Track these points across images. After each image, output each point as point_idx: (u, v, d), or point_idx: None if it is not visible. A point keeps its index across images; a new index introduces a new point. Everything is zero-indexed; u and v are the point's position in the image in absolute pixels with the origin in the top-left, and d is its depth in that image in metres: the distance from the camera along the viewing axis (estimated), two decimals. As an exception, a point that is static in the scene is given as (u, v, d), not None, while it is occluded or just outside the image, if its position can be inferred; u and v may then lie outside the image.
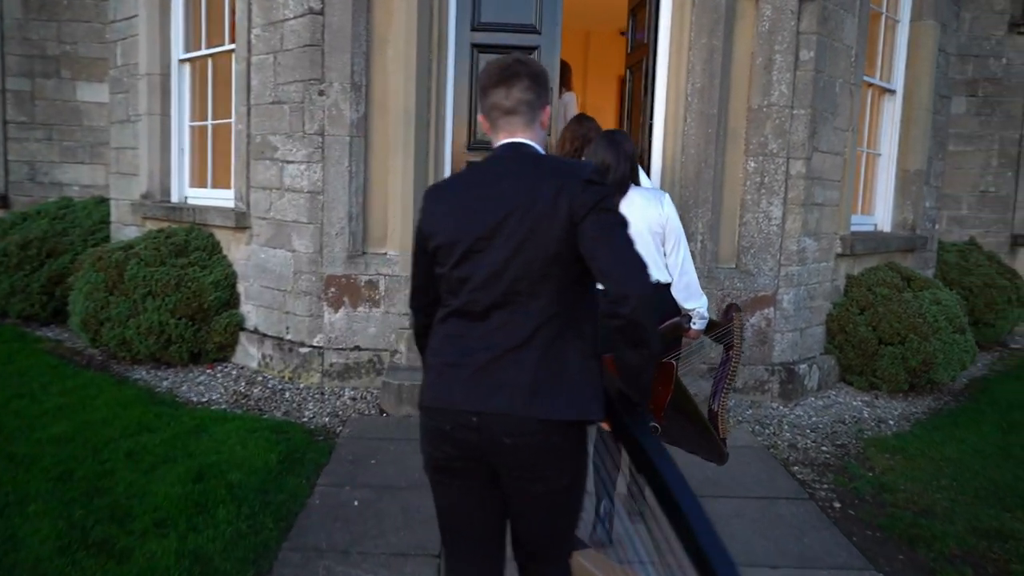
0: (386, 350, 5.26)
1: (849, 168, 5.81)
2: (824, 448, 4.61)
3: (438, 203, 1.84)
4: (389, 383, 4.83)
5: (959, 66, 8.24)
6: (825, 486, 4.04)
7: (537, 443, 1.73)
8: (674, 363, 2.91)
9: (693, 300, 3.24)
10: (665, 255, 3.20)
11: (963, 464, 4.36)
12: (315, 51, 5.08)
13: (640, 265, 1.68)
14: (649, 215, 3.16)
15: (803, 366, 5.48)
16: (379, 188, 5.26)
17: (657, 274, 3.07)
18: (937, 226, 7.42)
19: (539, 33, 5.51)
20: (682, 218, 3.55)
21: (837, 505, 3.83)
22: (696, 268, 3.43)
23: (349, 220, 5.15)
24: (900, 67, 6.72)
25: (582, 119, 4.42)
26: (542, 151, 1.88)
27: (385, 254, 5.27)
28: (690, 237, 5.21)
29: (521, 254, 1.71)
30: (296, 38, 5.15)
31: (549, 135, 5.33)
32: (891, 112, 6.76)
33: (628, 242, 1.71)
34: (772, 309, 5.32)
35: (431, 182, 5.25)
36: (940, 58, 6.85)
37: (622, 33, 7.05)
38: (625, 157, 3.26)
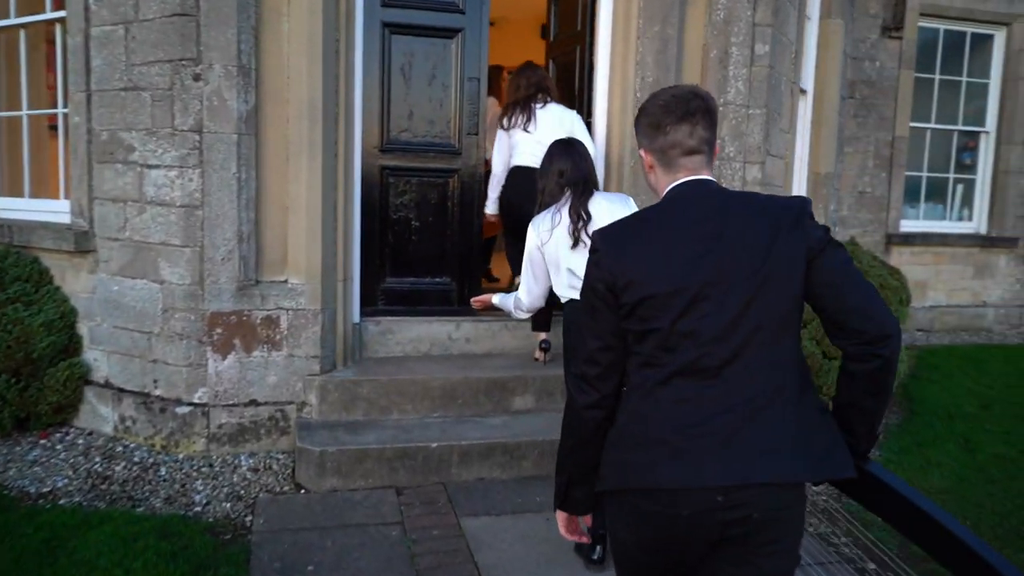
0: (291, 403, 4.19)
1: (790, 173, 5.46)
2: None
3: (629, 247, 1.61)
4: (307, 450, 3.79)
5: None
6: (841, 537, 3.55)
7: (788, 512, 1.58)
8: None
9: None
10: None
11: (961, 496, 4.05)
12: (187, 23, 3.90)
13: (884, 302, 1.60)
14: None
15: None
16: (276, 200, 4.17)
17: None
18: (838, 228, 7.36)
19: (463, 13, 4.65)
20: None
21: (872, 567, 3.34)
22: None
23: (239, 241, 4.02)
24: (810, 67, 6.51)
25: (531, 65, 4.82)
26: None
27: (286, 282, 4.19)
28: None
29: (760, 299, 1.55)
30: (159, 5, 3.94)
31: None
32: (803, 113, 6.53)
33: (865, 277, 1.61)
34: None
35: (342, 191, 4.25)
36: (841, 58, 6.73)
37: (543, 26, 6.30)
38: (583, 159, 3.26)
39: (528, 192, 3.77)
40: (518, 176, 4.52)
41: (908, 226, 8.93)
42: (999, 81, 9.00)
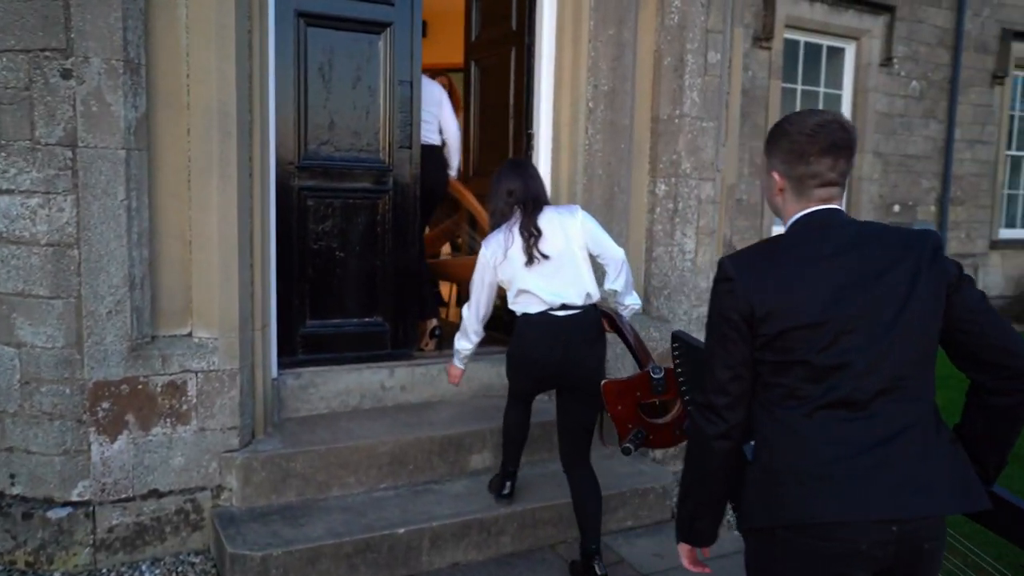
0: (204, 488, 3.31)
1: (726, 187, 5.21)
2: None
3: (766, 277, 1.56)
4: (243, 556, 2.96)
5: (718, 76, 8.32)
6: None
7: (942, 544, 1.59)
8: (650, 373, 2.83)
9: (633, 295, 3.30)
10: (603, 263, 3.20)
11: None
12: (51, 2, 2.93)
13: None
14: (571, 231, 3.11)
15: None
16: (176, 232, 3.27)
17: (592, 289, 3.12)
18: (735, 238, 7.32)
19: (391, 5, 3.93)
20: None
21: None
22: None
23: (131, 287, 3.09)
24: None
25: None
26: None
27: (191, 336, 3.30)
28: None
29: (905, 333, 1.53)
30: (8, -25, 2.93)
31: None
32: (709, 123, 6.38)
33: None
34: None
35: (259, 219, 3.42)
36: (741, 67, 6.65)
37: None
38: (533, 179, 3.21)
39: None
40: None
41: (779, 231, 9.19)
42: (850, 92, 9.48)
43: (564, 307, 3.05)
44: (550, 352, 3.05)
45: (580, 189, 4.19)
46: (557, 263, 3.05)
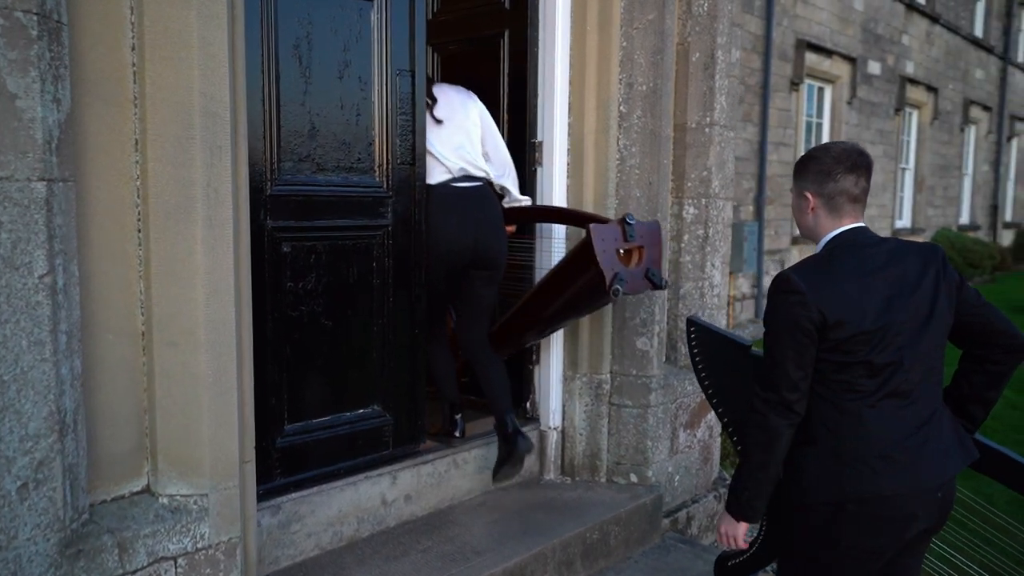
0: None
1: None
2: None
3: (832, 290, 1.79)
4: None
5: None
6: None
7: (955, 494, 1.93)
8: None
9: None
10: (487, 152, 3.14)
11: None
12: None
13: None
14: (469, 109, 3.10)
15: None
16: (121, 322, 1.88)
17: (485, 165, 3.11)
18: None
19: (384, -41, 2.73)
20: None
21: None
22: None
23: (61, 433, 1.67)
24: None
25: None
26: None
27: (150, 493, 1.93)
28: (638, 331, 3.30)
29: (933, 330, 1.81)
30: None
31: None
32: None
33: None
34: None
35: (246, 288, 2.13)
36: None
37: None
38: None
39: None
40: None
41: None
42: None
43: (467, 178, 3.01)
44: (461, 232, 2.96)
45: (612, 215, 3.29)
46: (450, 128, 3.00)
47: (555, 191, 3.34)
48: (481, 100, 3.52)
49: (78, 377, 1.76)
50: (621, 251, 2.87)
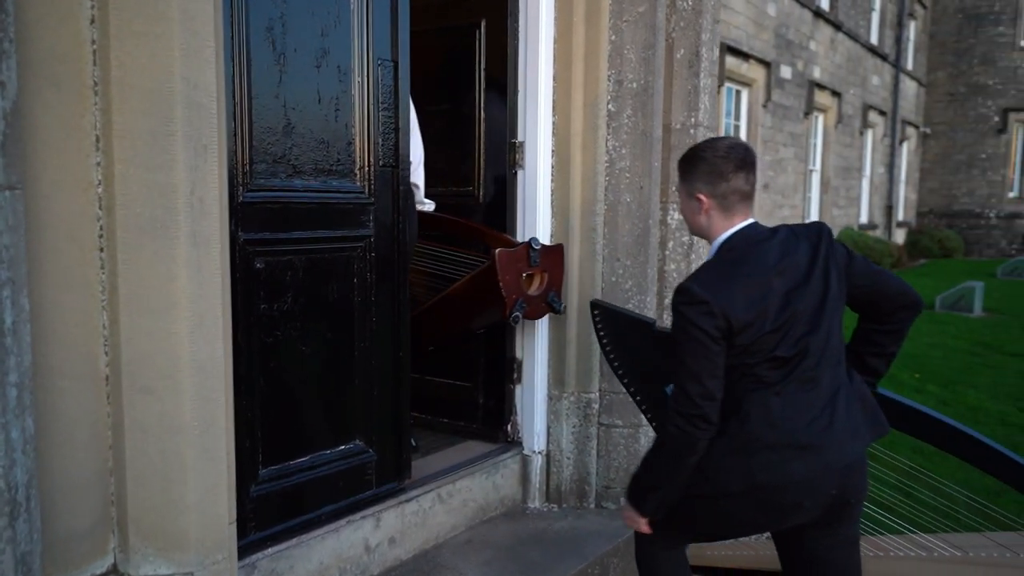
0: None
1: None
2: None
3: (735, 294, 1.76)
4: None
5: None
6: None
7: (866, 471, 1.93)
8: None
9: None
10: None
11: None
12: None
13: None
14: None
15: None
16: (80, 364, 1.49)
17: None
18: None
19: (365, -67, 2.39)
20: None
21: None
22: None
23: (12, 515, 1.28)
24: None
25: None
26: None
27: (116, 574, 1.56)
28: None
29: (829, 312, 1.83)
30: None
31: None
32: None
33: None
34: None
35: (228, 317, 1.77)
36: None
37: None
38: None
39: None
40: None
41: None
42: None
43: None
44: None
45: (600, 222, 3.05)
46: None
47: (539, 196, 3.07)
48: (454, 97, 3.22)
49: (31, 440, 1.37)
50: (524, 275, 2.88)
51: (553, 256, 2.98)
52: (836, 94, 15.49)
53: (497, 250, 2.79)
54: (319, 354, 2.37)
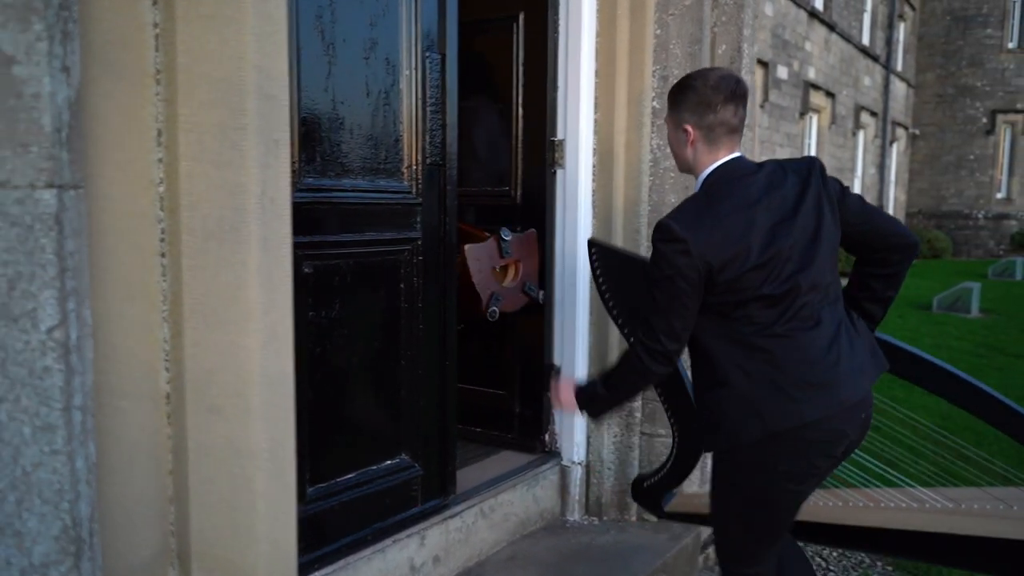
0: None
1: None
2: None
3: (714, 231, 1.70)
4: None
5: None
6: None
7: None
8: None
9: None
10: None
11: None
12: None
13: None
14: None
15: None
16: (139, 381, 1.35)
17: None
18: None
19: (414, -83, 2.25)
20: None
21: None
22: None
23: (78, 556, 1.15)
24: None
25: None
26: None
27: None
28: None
29: (823, 247, 1.76)
30: None
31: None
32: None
33: None
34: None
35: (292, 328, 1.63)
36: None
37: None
38: None
39: None
40: None
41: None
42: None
43: None
44: None
45: (644, 223, 2.93)
46: None
47: (580, 196, 2.95)
48: (490, 92, 3.09)
49: (93, 469, 1.22)
50: (497, 268, 2.86)
51: (527, 244, 2.92)
52: (830, 95, 15.50)
53: (465, 246, 2.72)
54: (366, 364, 2.23)
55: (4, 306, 1.06)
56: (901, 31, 20.42)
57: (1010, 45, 20.94)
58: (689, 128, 1.81)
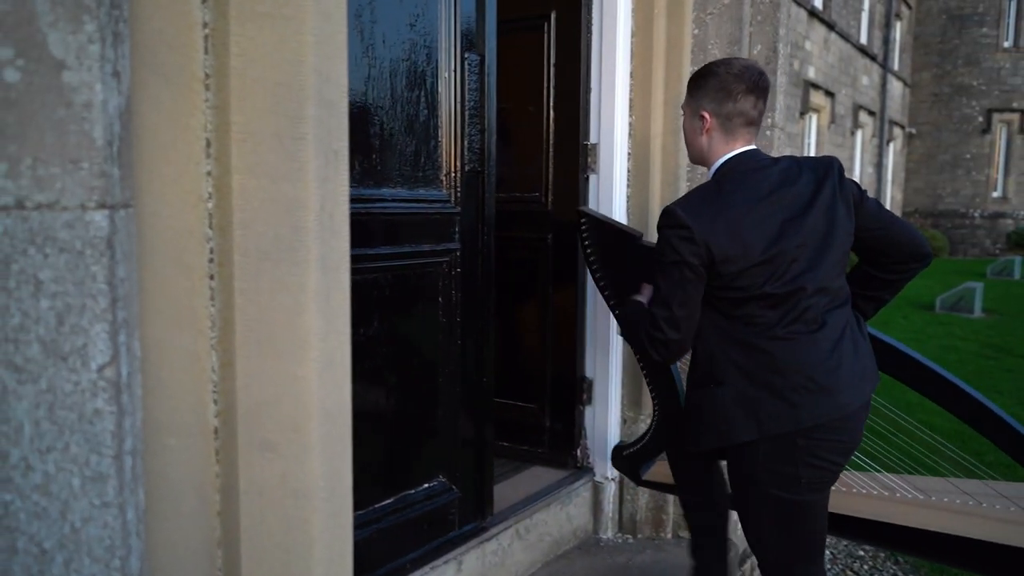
0: None
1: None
2: None
3: (719, 221, 1.65)
4: None
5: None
6: None
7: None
8: None
9: None
10: None
11: None
12: None
13: None
14: None
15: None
16: (192, 417, 1.23)
17: None
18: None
19: (453, -90, 2.12)
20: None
21: None
22: None
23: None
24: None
25: None
26: None
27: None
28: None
29: (833, 249, 1.70)
30: None
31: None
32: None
33: None
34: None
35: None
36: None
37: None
38: None
39: None
40: None
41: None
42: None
43: None
44: None
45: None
46: None
47: (614, 202, 2.83)
48: (519, 94, 2.98)
49: (143, 518, 1.10)
50: None
51: None
52: (830, 94, 15.45)
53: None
54: (404, 382, 2.11)
55: (53, 343, 0.93)
56: (898, 30, 20.40)
57: (1006, 44, 20.96)
58: (707, 115, 1.77)
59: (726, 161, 1.76)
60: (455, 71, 2.16)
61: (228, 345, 1.26)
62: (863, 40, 17.70)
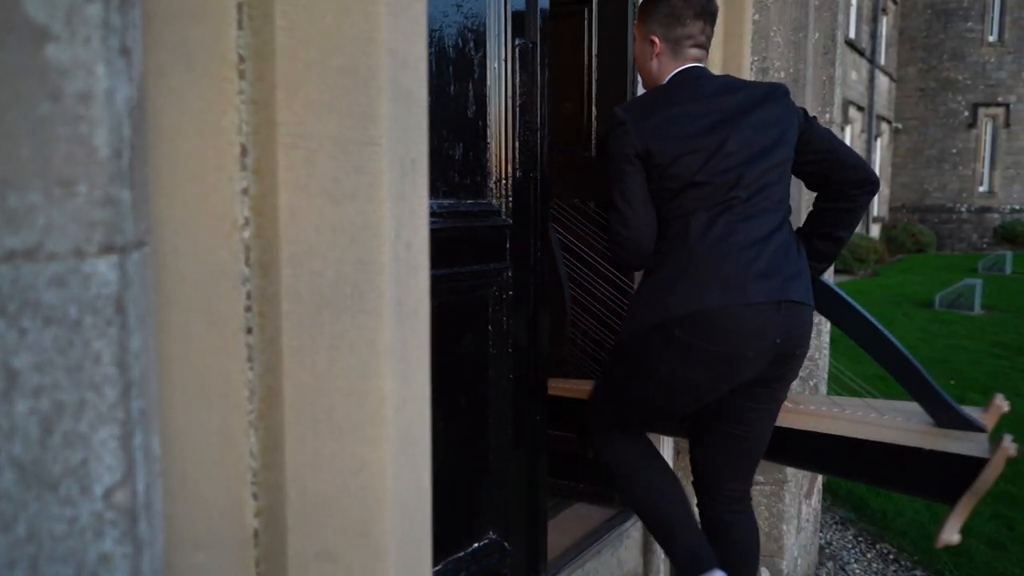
0: None
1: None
2: None
3: (654, 117, 1.74)
4: None
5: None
6: None
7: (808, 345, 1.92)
8: None
9: None
10: None
11: None
12: None
13: None
14: None
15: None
16: (226, 523, 0.90)
17: None
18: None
19: None
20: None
21: None
22: None
23: None
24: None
25: None
26: None
27: None
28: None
29: (777, 157, 1.75)
30: None
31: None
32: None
33: None
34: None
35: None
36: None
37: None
38: None
39: None
40: None
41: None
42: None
43: None
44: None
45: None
46: None
47: (665, 209, 2.52)
48: (558, 87, 2.66)
49: None
50: None
51: None
52: (821, 89, 15.26)
53: None
54: (451, 426, 1.78)
55: (35, 464, 0.60)
56: (884, 25, 20.31)
57: (991, 38, 20.95)
58: (656, 40, 1.84)
59: (674, 75, 1.83)
60: (505, 60, 1.83)
61: (273, 422, 0.94)
62: (852, 35, 17.56)
